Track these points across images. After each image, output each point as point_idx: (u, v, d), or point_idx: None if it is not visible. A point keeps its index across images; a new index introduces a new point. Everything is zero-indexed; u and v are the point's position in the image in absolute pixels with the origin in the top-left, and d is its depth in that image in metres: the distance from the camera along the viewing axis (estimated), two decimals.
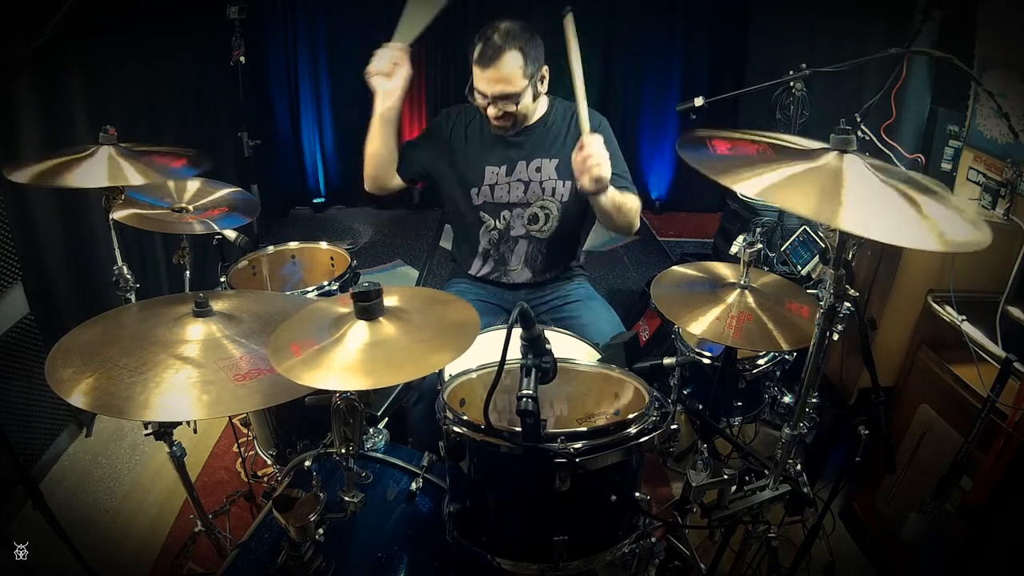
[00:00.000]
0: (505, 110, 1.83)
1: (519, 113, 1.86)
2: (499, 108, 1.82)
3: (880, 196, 0.96)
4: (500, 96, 1.80)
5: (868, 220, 0.91)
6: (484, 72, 1.78)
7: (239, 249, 1.86)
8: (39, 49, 2.10)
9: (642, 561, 1.28)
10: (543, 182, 1.95)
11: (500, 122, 1.87)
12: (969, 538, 1.61)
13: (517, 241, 2.02)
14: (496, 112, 1.83)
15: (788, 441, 1.20)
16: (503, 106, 1.82)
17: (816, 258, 2.25)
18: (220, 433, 2.52)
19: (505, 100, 1.81)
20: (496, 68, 1.76)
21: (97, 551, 1.86)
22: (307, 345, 0.99)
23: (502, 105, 1.82)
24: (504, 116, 1.85)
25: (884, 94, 2.18)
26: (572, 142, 1.93)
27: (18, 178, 1.33)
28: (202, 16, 3.35)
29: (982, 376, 1.64)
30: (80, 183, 1.35)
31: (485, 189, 1.97)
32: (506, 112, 1.83)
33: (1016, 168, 1.88)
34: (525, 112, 1.88)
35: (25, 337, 2.17)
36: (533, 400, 0.97)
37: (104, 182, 1.35)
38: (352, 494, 1.13)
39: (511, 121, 1.87)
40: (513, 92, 1.80)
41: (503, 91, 1.79)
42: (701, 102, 2.11)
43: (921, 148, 2.39)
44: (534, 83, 1.84)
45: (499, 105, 1.82)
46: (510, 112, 1.84)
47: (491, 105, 1.82)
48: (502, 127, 1.89)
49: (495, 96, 1.80)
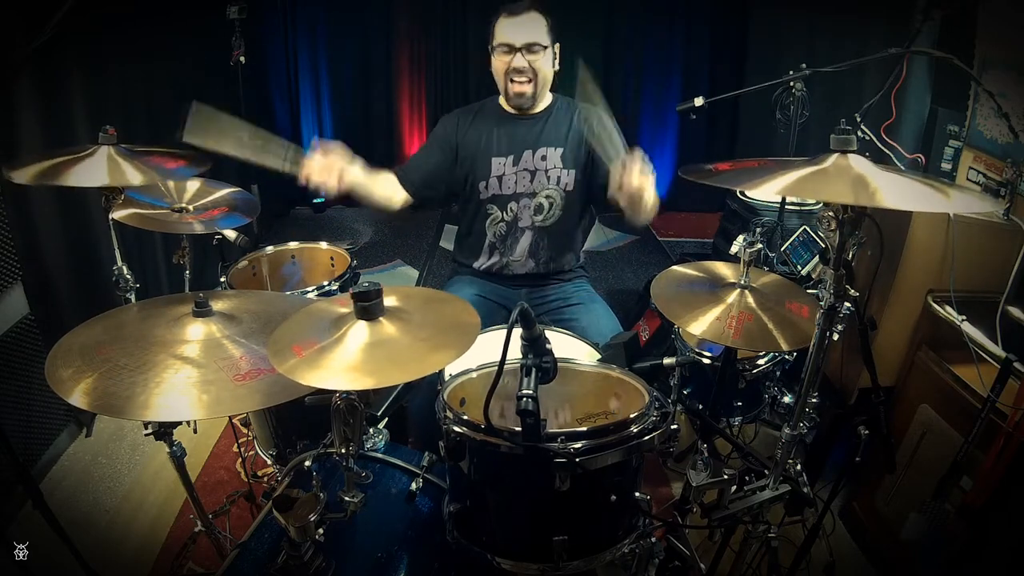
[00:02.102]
0: (531, 62, 1.85)
1: (540, 73, 1.88)
2: (525, 60, 1.84)
3: (902, 181, 1.00)
4: (528, 45, 1.83)
5: (907, 198, 0.96)
6: (513, 19, 1.83)
7: (239, 249, 1.86)
8: (39, 49, 2.11)
9: (642, 561, 1.27)
10: (548, 171, 1.98)
11: (522, 84, 1.88)
12: (969, 538, 1.61)
13: (524, 232, 2.04)
14: (522, 64, 1.85)
15: (788, 441, 1.20)
16: (530, 58, 1.85)
17: (816, 258, 2.25)
18: (220, 433, 2.52)
19: (532, 51, 1.84)
20: (525, 17, 1.83)
21: (97, 551, 1.85)
22: (308, 345, 0.99)
23: (529, 57, 1.85)
24: (526, 73, 1.86)
25: (884, 94, 2.18)
26: (576, 133, 1.98)
27: (18, 178, 1.32)
28: (202, 16, 3.35)
29: (982, 376, 1.64)
30: (79, 182, 1.34)
31: (493, 181, 1.98)
32: (531, 66, 1.85)
33: (1016, 168, 1.88)
34: (544, 78, 1.91)
35: (25, 337, 2.17)
36: (533, 400, 0.97)
37: (104, 182, 1.35)
38: (352, 494, 1.12)
39: (532, 86, 1.89)
40: (540, 42, 1.84)
41: (532, 39, 1.83)
42: (701, 102, 2.11)
43: (921, 148, 2.39)
44: (555, 48, 1.89)
45: (526, 57, 1.84)
46: (534, 68, 1.86)
47: (518, 55, 1.84)
48: (521, 93, 1.90)
49: (524, 44, 1.83)
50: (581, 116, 1.96)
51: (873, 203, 0.92)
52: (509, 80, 1.90)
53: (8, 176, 1.33)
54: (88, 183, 1.35)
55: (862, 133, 2.06)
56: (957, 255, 1.83)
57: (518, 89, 1.90)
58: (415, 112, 4.93)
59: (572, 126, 1.98)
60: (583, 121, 1.95)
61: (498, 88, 1.99)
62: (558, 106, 2.01)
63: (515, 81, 1.89)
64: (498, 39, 1.87)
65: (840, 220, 1.01)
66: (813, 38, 3.69)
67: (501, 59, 1.89)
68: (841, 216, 1.00)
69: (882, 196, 0.92)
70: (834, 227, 1.01)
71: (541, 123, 1.99)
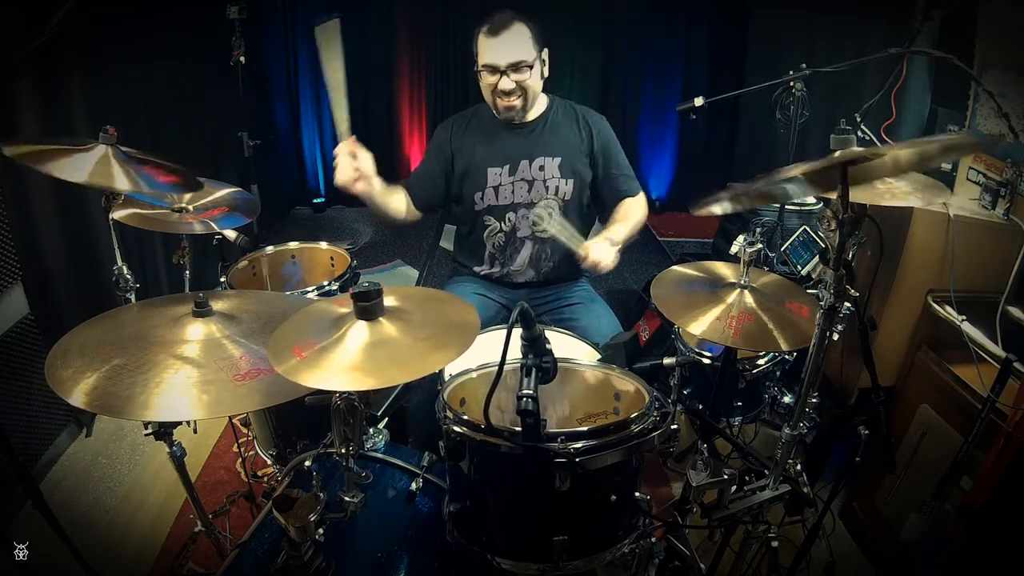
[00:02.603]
0: (518, 82, 1.81)
1: (530, 89, 1.85)
2: (512, 81, 1.81)
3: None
4: (513, 65, 1.79)
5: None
6: (495, 39, 1.78)
7: (239, 249, 1.86)
8: (39, 49, 2.10)
9: (642, 561, 1.28)
10: (547, 180, 1.95)
11: (510, 100, 1.85)
12: (969, 538, 1.61)
13: (523, 243, 2.02)
14: (509, 86, 1.81)
15: (788, 441, 1.20)
16: (516, 78, 1.81)
17: (816, 258, 2.25)
18: (220, 433, 2.52)
19: (518, 71, 1.80)
20: (508, 34, 1.78)
21: (97, 551, 1.85)
22: (308, 346, 0.99)
23: (515, 77, 1.81)
24: (515, 93, 1.83)
25: (884, 94, 2.18)
26: (575, 138, 1.96)
27: (9, 152, 1.29)
28: (202, 16, 3.35)
29: (982, 376, 1.64)
30: (62, 174, 1.30)
31: (489, 192, 1.96)
32: (518, 85, 1.82)
33: (1016, 168, 1.88)
34: (534, 92, 1.88)
35: (25, 337, 2.17)
36: (533, 400, 0.97)
37: (83, 179, 1.30)
38: (352, 494, 1.13)
39: (521, 100, 1.86)
40: (526, 60, 1.79)
41: (517, 59, 1.79)
42: (701, 102, 2.11)
43: None
44: (541, 58, 1.85)
45: (512, 77, 1.80)
46: (522, 87, 1.83)
47: (504, 77, 1.80)
48: (511, 107, 1.87)
49: (509, 65, 1.79)
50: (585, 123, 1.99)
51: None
52: (496, 97, 1.87)
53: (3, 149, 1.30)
54: (70, 177, 1.30)
55: (862, 133, 2.06)
56: (957, 255, 1.83)
57: (507, 104, 1.86)
58: (415, 112, 4.92)
59: (571, 130, 1.97)
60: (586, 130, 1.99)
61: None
62: (555, 110, 1.99)
63: (503, 98, 1.86)
64: (482, 60, 1.82)
65: (840, 220, 1.01)
66: (813, 38, 3.68)
67: (487, 79, 1.85)
68: (841, 216, 1.00)
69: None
70: (834, 227, 1.01)
71: (538, 131, 1.96)
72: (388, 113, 4.90)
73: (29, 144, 1.34)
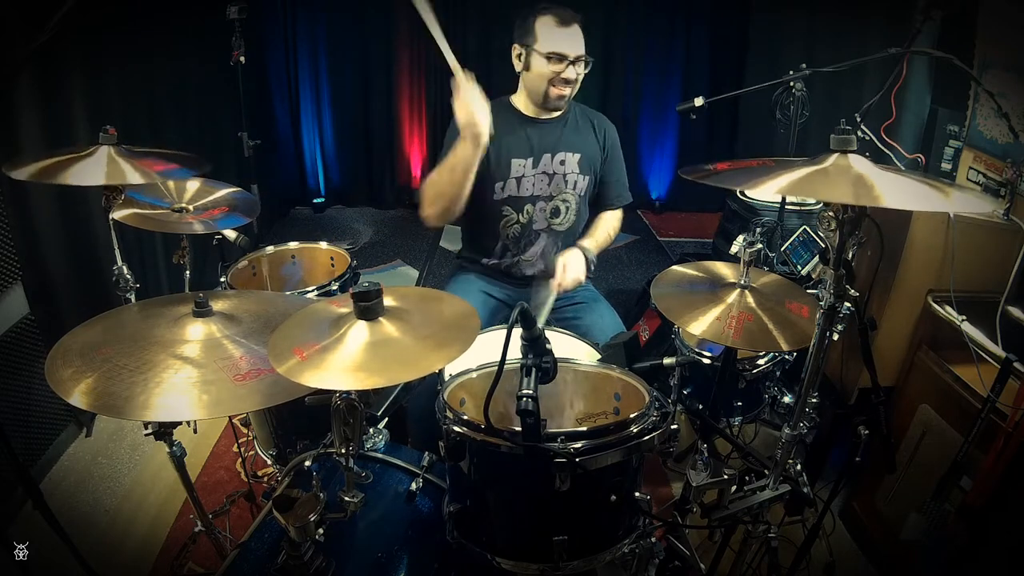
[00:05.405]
0: (579, 74, 1.86)
1: (579, 83, 1.91)
2: (575, 72, 1.85)
3: (902, 181, 1.00)
4: (580, 57, 1.84)
5: (908, 198, 0.96)
6: (567, 29, 1.83)
7: (239, 249, 1.86)
8: (39, 49, 2.10)
9: (642, 561, 1.28)
10: (566, 175, 1.99)
11: (566, 89, 1.88)
12: (969, 538, 1.61)
13: (538, 235, 2.04)
14: (574, 75, 1.86)
15: (788, 441, 1.20)
16: (578, 71, 1.86)
17: (816, 258, 2.25)
18: (220, 433, 2.52)
19: (580, 63, 1.85)
20: (577, 27, 1.84)
21: (97, 551, 1.86)
22: (308, 347, 0.99)
23: (578, 69, 1.86)
24: (573, 83, 1.88)
25: (884, 94, 2.18)
26: (592, 138, 2.03)
27: (18, 175, 1.32)
28: (202, 16, 3.35)
29: (982, 376, 1.64)
30: (79, 181, 1.34)
31: (511, 183, 1.97)
32: (577, 77, 1.87)
33: (1016, 168, 1.88)
34: (578, 87, 1.93)
35: (25, 337, 2.17)
36: (533, 400, 0.97)
37: (101, 181, 1.34)
38: (352, 494, 1.13)
39: (571, 91, 1.91)
40: (589, 56, 1.86)
41: (583, 52, 1.84)
42: (701, 102, 2.12)
43: (921, 148, 2.39)
44: None
45: (576, 69, 1.85)
46: (578, 80, 1.88)
47: (571, 67, 1.84)
48: (562, 96, 1.90)
49: (577, 56, 1.84)
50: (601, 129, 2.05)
51: (873, 203, 0.92)
52: (552, 85, 1.87)
53: (8, 173, 1.33)
54: (87, 182, 1.35)
55: (862, 133, 2.06)
56: (957, 255, 1.83)
57: (560, 93, 1.88)
58: (415, 112, 4.92)
59: (590, 130, 2.02)
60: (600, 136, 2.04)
61: (522, 87, 1.95)
62: (574, 111, 2.03)
63: (561, 87, 1.87)
64: (549, 46, 1.82)
65: (840, 220, 1.01)
66: (813, 38, 3.69)
67: (549, 66, 1.84)
68: (841, 216, 1.00)
69: (882, 196, 0.92)
70: (834, 227, 1.01)
71: (560, 127, 1.99)
72: (388, 113, 4.90)
73: (33, 163, 1.37)
